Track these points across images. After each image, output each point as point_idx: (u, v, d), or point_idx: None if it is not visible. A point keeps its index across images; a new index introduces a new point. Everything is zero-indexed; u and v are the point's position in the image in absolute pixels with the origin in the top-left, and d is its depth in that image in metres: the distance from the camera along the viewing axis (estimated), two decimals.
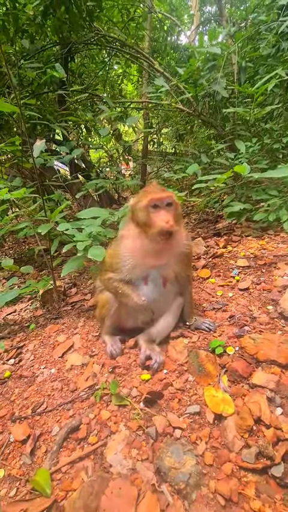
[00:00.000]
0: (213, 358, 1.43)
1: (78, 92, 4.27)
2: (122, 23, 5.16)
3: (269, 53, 3.79)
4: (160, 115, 6.41)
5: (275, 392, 1.21)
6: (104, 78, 5.83)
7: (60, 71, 3.15)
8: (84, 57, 5.65)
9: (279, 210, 2.88)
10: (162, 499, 0.96)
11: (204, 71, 3.82)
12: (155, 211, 1.37)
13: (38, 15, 3.32)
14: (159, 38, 6.61)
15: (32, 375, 1.68)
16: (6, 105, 1.63)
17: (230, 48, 3.54)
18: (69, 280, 3.15)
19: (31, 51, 3.75)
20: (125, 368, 1.54)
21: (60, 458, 1.19)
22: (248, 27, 4.58)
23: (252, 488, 0.94)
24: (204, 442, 1.10)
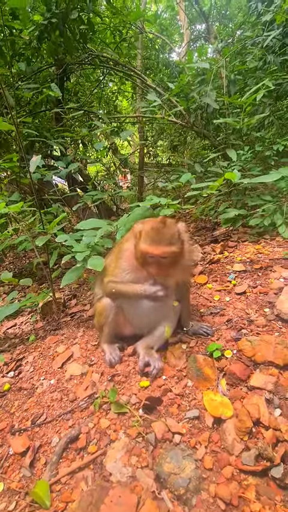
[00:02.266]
0: (211, 362, 1.43)
1: (74, 109, 4.43)
2: (114, 44, 5.40)
3: (256, 66, 3.95)
4: (155, 128, 6.61)
5: (273, 393, 1.20)
6: (99, 96, 6.05)
7: (56, 90, 3.29)
8: (80, 77, 5.88)
9: (274, 214, 2.93)
10: (162, 505, 0.95)
11: (194, 85, 3.97)
12: (149, 259, 1.41)
13: (33, 39, 3.49)
14: (151, 56, 6.90)
15: (31, 387, 1.68)
16: (3, 124, 1.71)
17: (218, 63, 3.70)
18: (69, 292, 3.17)
19: (28, 73, 3.93)
20: (124, 376, 1.54)
21: (59, 469, 1.18)
22: (235, 42, 4.79)
23: (252, 491, 0.93)
24: (203, 447, 1.09)
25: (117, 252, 1.66)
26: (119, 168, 5.80)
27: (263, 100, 3.99)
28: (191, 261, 1.67)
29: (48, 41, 3.75)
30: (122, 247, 1.63)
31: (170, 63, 6.83)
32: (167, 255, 1.38)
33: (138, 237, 1.44)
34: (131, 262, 1.53)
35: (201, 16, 5.23)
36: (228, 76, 3.85)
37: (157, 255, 1.38)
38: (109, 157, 6.48)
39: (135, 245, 1.46)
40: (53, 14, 3.36)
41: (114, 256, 1.65)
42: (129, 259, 1.54)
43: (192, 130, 4.59)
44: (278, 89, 4.38)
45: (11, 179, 3.73)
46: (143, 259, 1.43)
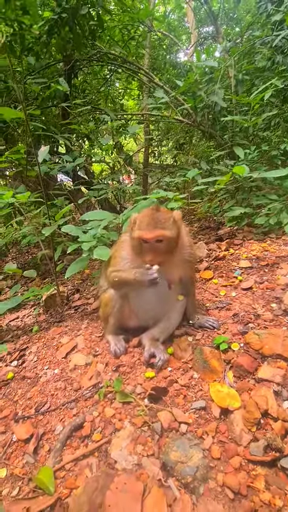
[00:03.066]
0: (218, 354, 1.42)
1: (81, 105, 4.44)
2: (122, 42, 5.42)
3: (265, 66, 3.95)
4: (161, 127, 6.61)
5: (282, 386, 1.19)
6: (105, 94, 6.06)
7: (64, 85, 3.29)
8: (87, 74, 5.90)
9: (280, 213, 2.92)
10: (169, 493, 0.94)
11: (202, 84, 3.97)
12: (144, 244, 1.41)
13: (43, 34, 3.51)
14: (159, 56, 6.92)
15: (35, 376, 1.66)
16: (13, 111, 1.71)
17: (226, 62, 3.70)
18: (72, 286, 3.16)
19: (36, 67, 3.94)
20: (129, 366, 1.53)
21: (63, 456, 1.17)
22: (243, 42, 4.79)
23: (261, 481, 0.91)
24: (211, 437, 1.08)
25: (117, 243, 1.70)
26: (123, 167, 5.79)
27: (271, 100, 3.99)
28: (193, 255, 1.64)
29: (58, 37, 3.77)
30: (120, 239, 1.68)
31: (178, 64, 6.86)
32: (161, 238, 1.37)
33: (132, 225, 1.45)
34: (129, 251, 1.55)
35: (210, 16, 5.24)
36: (236, 76, 3.85)
37: (150, 238, 1.37)
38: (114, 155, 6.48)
39: (131, 234, 1.48)
40: (63, 9, 3.37)
41: (115, 248, 1.69)
42: (127, 249, 1.56)
43: (199, 130, 4.58)
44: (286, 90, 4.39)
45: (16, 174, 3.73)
46: (139, 246, 1.43)
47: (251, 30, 4.70)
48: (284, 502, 0.85)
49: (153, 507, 0.89)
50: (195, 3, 7.76)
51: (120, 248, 1.63)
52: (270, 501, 0.86)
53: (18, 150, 2.65)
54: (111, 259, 1.65)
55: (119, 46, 5.07)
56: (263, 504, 0.86)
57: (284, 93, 4.48)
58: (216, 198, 3.85)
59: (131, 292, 1.63)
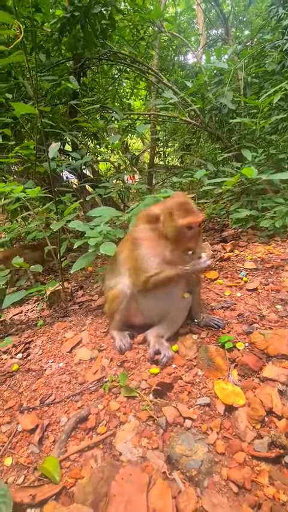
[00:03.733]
0: (223, 352, 1.43)
1: (89, 104, 4.47)
2: (132, 42, 5.44)
3: (274, 69, 3.96)
4: (167, 128, 6.63)
5: (286, 385, 1.20)
6: (113, 93, 6.09)
7: (74, 83, 3.32)
8: (96, 73, 5.93)
9: (286, 217, 2.92)
10: (174, 486, 0.95)
11: (211, 86, 3.99)
12: (188, 232, 1.42)
13: (55, 32, 3.53)
14: (167, 57, 6.94)
15: (40, 369, 1.68)
16: (26, 107, 1.73)
17: (236, 64, 3.71)
18: (76, 283, 3.18)
19: (47, 65, 3.97)
20: (134, 362, 1.54)
21: (68, 447, 1.18)
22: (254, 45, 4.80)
23: (265, 476, 0.93)
24: (215, 432, 1.09)
25: (133, 248, 1.58)
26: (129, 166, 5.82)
27: (280, 103, 3.99)
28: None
29: (69, 35, 3.80)
30: (137, 241, 1.56)
31: (186, 65, 6.87)
32: (202, 220, 1.44)
33: (168, 217, 1.44)
34: (155, 249, 1.51)
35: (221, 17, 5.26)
36: (245, 78, 3.86)
37: (199, 222, 1.42)
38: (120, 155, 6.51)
39: (166, 226, 1.45)
40: (76, 7, 3.39)
41: (134, 253, 1.56)
42: (153, 247, 1.52)
43: (206, 131, 4.60)
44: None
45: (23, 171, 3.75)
46: (181, 236, 1.42)
47: (261, 34, 4.71)
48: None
49: (158, 498, 0.91)
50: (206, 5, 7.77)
51: (143, 249, 1.53)
52: (274, 495, 0.87)
53: (28, 146, 2.68)
54: (136, 263, 1.54)
55: (129, 46, 5.10)
56: (267, 498, 0.87)
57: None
58: (221, 199, 3.86)
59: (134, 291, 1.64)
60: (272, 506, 0.84)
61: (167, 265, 1.49)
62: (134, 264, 1.58)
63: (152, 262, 1.51)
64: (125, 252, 1.68)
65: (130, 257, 1.62)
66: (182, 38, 5.48)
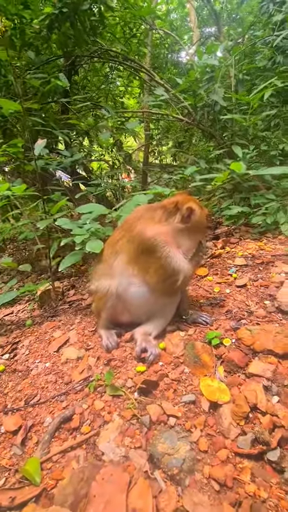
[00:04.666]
0: (210, 349, 1.41)
1: (81, 101, 4.43)
2: (124, 39, 5.41)
3: (265, 65, 3.95)
4: (161, 126, 6.60)
5: (272, 381, 1.18)
6: (106, 92, 6.05)
7: (64, 80, 3.28)
8: (88, 71, 5.89)
9: (277, 213, 2.92)
10: (155, 485, 0.93)
11: (202, 82, 3.97)
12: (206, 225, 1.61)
13: (43, 28, 3.49)
14: (160, 55, 6.91)
15: (26, 369, 1.66)
16: (11, 103, 1.70)
17: (227, 61, 3.70)
18: (68, 282, 3.15)
19: (36, 62, 3.92)
20: (121, 361, 1.52)
21: (51, 448, 1.16)
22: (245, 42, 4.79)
23: (247, 473, 0.91)
24: (199, 430, 1.07)
25: (148, 249, 1.46)
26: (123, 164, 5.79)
27: (271, 100, 3.99)
28: None
29: (59, 32, 3.76)
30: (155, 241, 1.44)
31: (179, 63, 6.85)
32: None
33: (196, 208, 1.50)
34: (172, 245, 1.48)
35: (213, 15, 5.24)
36: (236, 75, 3.85)
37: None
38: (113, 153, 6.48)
39: (195, 218, 1.50)
40: (64, 3, 3.35)
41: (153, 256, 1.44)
42: (170, 243, 1.47)
43: (198, 129, 4.58)
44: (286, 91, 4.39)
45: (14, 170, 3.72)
46: (204, 224, 1.60)
47: (253, 30, 4.70)
48: (268, 493, 0.85)
49: (138, 498, 0.89)
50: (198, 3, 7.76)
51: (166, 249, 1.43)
52: (255, 493, 0.85)
53: (16, 143, 2.64)
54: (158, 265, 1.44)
55: (121, 43, 5.07)
56: (248, 496, 0.85)
57: (284, 94, 4.49)
58: (214, 196, 3.85)
59: (125, 289, 1.61)
60: (252, 503, 0.83)
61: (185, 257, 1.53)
62: (153, 265, 1.45)
63: (180, 257, 1.50)
64: (125, 251, 1.57)
65: (142, 258, 1.49)
66: (174, 36, 5.45)
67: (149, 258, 1.46)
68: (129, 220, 1.65)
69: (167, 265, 1.44)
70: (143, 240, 1.48)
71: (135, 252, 1.52)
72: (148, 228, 1.50)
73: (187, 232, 1.52)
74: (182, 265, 1.48)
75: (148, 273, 1.49)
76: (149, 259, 1.47)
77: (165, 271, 1.45)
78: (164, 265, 1.44)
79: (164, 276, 1.46)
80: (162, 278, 1.47)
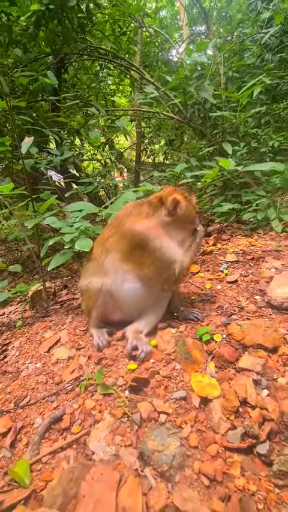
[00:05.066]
0: (200, 345, 1.41)
1: (71, 99, 4.39)
2: (113, 37, 5.37)
3: (254, 63, 3.97)
4: (152, 124, 6.59)
5: (261, 375, 1.19)
6: (96, 90, 6.01)
7: (52, 78, 3.24)
8: (77, 69, 5.83)
9: (268, 209, 2.94)
10: (145, 482, 0.92)
11: (192, 80, 3.97)
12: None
13: (30, 25, 3.44)
14: (150, 53, 6.89)
15: (16, 370, 1.63)
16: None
17: (216, 58, 3.70)
18: (60, 282, 3.12)
19: (24, 60, 3.87)
20: (112, 359, 1.51)
21: (41, 449, 1.14)
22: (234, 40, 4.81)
23: (237, 467, 0.91)
24: (189, 426, 1.07)
25: (138, 243, 1.46)
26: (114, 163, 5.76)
27: (260, 97, 4.01)
28: None
29: (46, 29, 3.71)
30: (144, 235, 1.45)
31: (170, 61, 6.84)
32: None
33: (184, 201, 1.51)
34: (163, 236, 1.49)
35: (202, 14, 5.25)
36: (226, 73, 3.86)
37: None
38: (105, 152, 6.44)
39: (184, 211, 1.51)
40: (51, 0, 3.31)
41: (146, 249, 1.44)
42: (161, 235, 1.48)
43: (189, 126, 4.58)
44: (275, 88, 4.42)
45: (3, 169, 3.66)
46: (193, 213, 1.60)
47: (241, 28, 4.72)
48: (257, 486, 0.85)
49: (128, 496, 0.88)
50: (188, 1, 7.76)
51: (158, 240, 1.44)
52: (244, 486, 0.85)
53: (3, 142, 2.60)
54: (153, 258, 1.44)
55: (110, 41, 5.03)
56: (237, 490, 0.85)
57: (273, 92, 4.52)
58: (205, 194, 3.86)
59: (118, 286, 1.60)
60: (241, 497, 0.83)
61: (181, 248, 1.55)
62: (148, 259, 1.45)
63: (174, 246, 1.50)
64: (117, 248, 1.55)
65: (135, 254, 1.48)
66: (163, 34, 5.44)
67: (143, 252, 1.47)
68: (118, 218, 1.65)
69: (161, 256, 1.44)
70: (134, 235, 1.48)
71: (127, 248, 1.52)
72: (137, 223, 1.50)
73: (176, 224, 1.52)
74: (176, 254, 1.48)
75: (144, 268, 1.49)
76: (142, 254, 1.47)
77: (160, 263, 1.45)
78: (158, 257, 1.45)
79: (161, 267, 1.46)
80: (158, 271, 1.47)
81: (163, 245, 1.45)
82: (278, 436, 0.98)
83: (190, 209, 1.56)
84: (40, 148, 4.68)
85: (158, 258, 1.45)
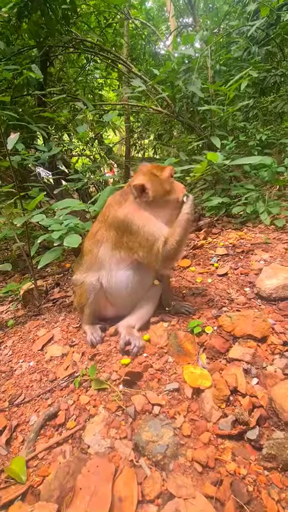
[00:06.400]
0: (192, 337, 1.44)
1: (57, 94, 4.30)
2: (99, 29, 5.27)
3: (241, 56, 3.97)
4: (141, 119, 6.53)
5: (251, 364, 1.23)
6: (83, 84, 5.90)
7: (36, 71, 3.16)
8: (63, 63, 5.71)
9: (256, 202, 2.98)
10: (140, 472, 0.95)
11: (180, 73, 3.94)
12: (173, 180, 1.56)
13: (12, 16, 3.34)
14: (137, 46, 6.78)
15: (9, 370, 1.63)
16: None
17: (203, 51, 3.68)
18: (52, 280, 3.10)
19: (7, 53, 3.76)
20: (105, 355, 1.52)
21: (37, 446, 1.16)
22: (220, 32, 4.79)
23: (228, 453, 0.95)
24: (182, 416, 1.10)
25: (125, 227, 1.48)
26: (104, 158, 5.70)
27: (248, 90, 4.02)
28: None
29: (29, 21, 3.60)
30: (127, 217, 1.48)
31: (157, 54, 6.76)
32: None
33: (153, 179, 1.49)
34: (145, 216, 1.48)
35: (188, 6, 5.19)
36: (213, 66, 3.85)
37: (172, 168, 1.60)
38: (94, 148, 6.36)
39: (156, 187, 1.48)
40: None
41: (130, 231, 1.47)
42: (143, 216, 1.48)
43: (178, 120, 4.57)
44: (262, 82, 4.44)
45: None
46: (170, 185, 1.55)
47: (228, 20, 4.70)
48: (248, 470, 0.89)
49: (123, 486, 0.90)
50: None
51: (140, 219, 1.45)
52: (235, 471, 0.89)
53: None
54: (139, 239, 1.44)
55: (95, 34, 4.93)
56: (228, 474, 0.89)
57: (261, 85, 4.54)
58: (195, 188, 3.87)
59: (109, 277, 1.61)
60: (233, 481, 0.86)
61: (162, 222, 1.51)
62: (135, 242, 1.47)
63: (157, 224, 1.48)
64: (107, 239, 1.57)
65: (124, 240, 1.50)
66: (150, 26, 5.36)
67: (130, 236, 1.48)
68: (102, 212, 1.67)
69: (146, 233, 1.44)
70: (118, 222, 1.51)
71: (116, 236, 1.54)
72: (118, 211, 1.53)
73: (156, 203, 1.51)
74: (160, 230, 1.46)
75: (134, 253, 1.50)
76: (130, 238, 1.49)
77: (147, 240, 1.44)
78: (143, 235, 1.45)
79: (147, 244, 1.44)
80: (147, 248, 1.45)
81: (144, 222, 1.46)
82: (267, 421, 1.02)
83: (160, 187, 1.49)
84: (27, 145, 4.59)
85: (143, 237, 1.45)
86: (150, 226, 1.46)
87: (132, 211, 1.49)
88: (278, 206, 2.79)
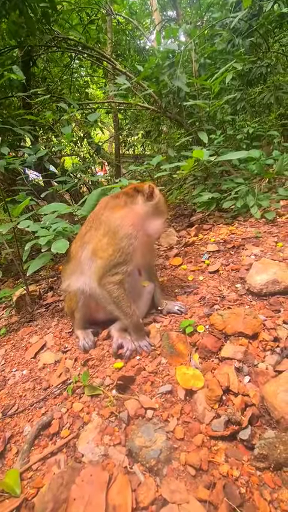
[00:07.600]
0: (184, 337, 1.43)
1: (42, 95, 4.23)
2: (81, 26, 5.18)
3: (225, 48, 3.93)
4: (129, 116, 6.46)
5: (243, 362, 1.22)
6: (69, 83, 5.80)
7: (18, 73, 3.10)
8: (47, 62, 5.61)
9: (246, 196, 2.97)
10: (134, 479, 0.94)
11: (165, 68, 3.89)
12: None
13: None
14: (122, 42, 6.69)
15: (2, 379, 1.61)
16: None
17: (187, 45, 3.63)
18: (46, 284, 3.07)
19: None
20: (98, 359, 1.51)
21: (31, 457, 1.14)
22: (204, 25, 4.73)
23: (221, 455, 0.94)
24: (175, 419, 1.09)
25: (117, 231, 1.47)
26: (93, 157, 5.64)
27: (233, 83, 3.99)
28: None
29: (8, 20, 3.52)
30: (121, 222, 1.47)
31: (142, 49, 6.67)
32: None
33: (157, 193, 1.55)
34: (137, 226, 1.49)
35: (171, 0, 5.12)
36: (198, 60, 3.80)
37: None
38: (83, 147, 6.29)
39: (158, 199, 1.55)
40: None
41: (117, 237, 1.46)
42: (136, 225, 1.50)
43: (165, 116, 4.53)
44: (248, 74, 4.41)
45: None
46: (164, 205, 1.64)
47: (211, 12, 4.64)
48: (240, 471, 0.88)
49: (117, 494, 0.89)
50: None
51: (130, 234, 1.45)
52: (228, 472, 0.88)
53: None
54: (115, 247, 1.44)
55: (78, 31, 4.84)
56: (221, 476, 0.88)
57: (247, 77, 4.51)
58: (185, 184, 3.85)
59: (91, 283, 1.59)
60: (225, 483, 0.86)
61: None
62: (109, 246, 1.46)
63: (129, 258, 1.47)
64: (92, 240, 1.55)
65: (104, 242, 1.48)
66: (132, 21, 5.28)
67: (111, 240, 1.46)
68: (94, 212, 1.65)
69: (116, 251, 1.44)
70: (110, 224, 1.49)
71: (100, 238, 1.51)
72: (114, 213, 1.52)
73: (152, 212, 1.54)
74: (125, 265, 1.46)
75: (99, 256, 1.49)
76: (110, 242, 1.47)
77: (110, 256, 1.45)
78: (116, 248, 1.44)
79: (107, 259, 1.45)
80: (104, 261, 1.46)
81: (126, 243, 1.45)
82: (259, 420, 1.02)
83: (163, 199, 1.61)
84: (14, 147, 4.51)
85: (115, 249, 1.44)
86: (124, 251, 1.44)
87: (129, 216, 1.50)
88: (268, 199, 2.78)
